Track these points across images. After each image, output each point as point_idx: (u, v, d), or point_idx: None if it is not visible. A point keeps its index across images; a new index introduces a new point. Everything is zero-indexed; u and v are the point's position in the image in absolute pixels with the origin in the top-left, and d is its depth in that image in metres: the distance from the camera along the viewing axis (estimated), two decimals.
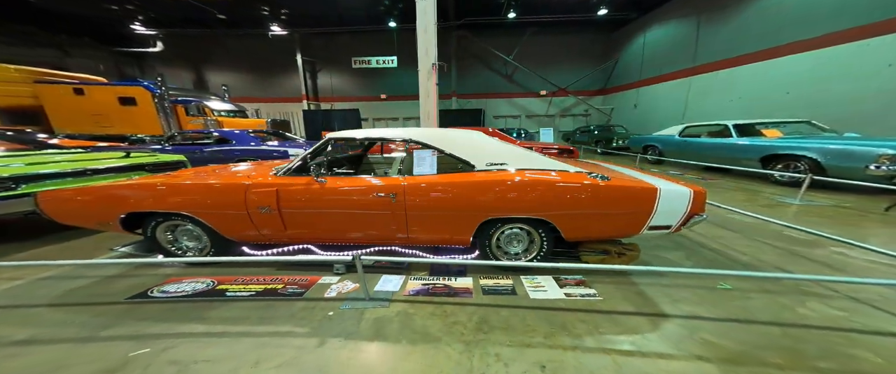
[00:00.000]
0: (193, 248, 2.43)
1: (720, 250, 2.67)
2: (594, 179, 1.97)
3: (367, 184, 2.13)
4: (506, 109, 18.21)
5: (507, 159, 2.13)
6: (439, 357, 1.41)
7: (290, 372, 1.28)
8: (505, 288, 2.03)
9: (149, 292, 1.95)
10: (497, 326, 1.64)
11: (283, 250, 2.48)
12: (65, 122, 10.24)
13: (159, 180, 2.30)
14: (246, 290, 1.99)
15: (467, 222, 2.10)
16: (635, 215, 1.99)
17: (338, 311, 1.75)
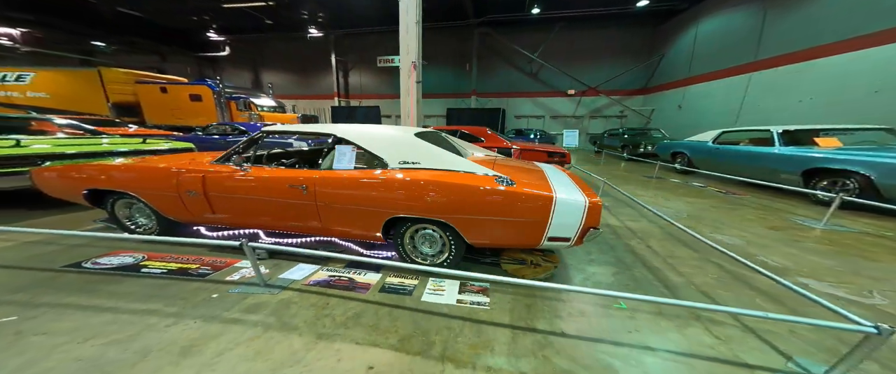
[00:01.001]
0: (145, 225, 2.71)
1: (659, 268, 2.42)
2: (496, 183, 1.91)
3: (283, 175, 2.23)
4: (529, 108, 17.69)
5: (420, 159, 2.12)
6: (279, 346, 1.43)
7: (113, 350, 1.36)
8: (405, 288, 2.00)
9: (83, 263, 2.20)
10: (365, 323, 1.63)
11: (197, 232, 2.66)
12: (154, 115, 12.84)
13: (117, 163, 2.60)
14: (163, 267, 2.17)
15: (373, 218, 2.12)
16: (532, 224, 1.89)
17: (224, 294, 1.85)
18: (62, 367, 1.25)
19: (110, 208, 2.69)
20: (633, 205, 4.29)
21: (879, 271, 2.38)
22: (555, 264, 2.31)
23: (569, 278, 2.24)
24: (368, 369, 1.34)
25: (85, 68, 13.63)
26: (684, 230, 2.41)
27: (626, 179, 6.63)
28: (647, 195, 4.99)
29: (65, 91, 13.16)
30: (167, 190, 2.39)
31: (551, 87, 17.06)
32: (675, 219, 2.82)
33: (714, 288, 2.12)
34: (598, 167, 8.73)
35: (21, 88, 13.40)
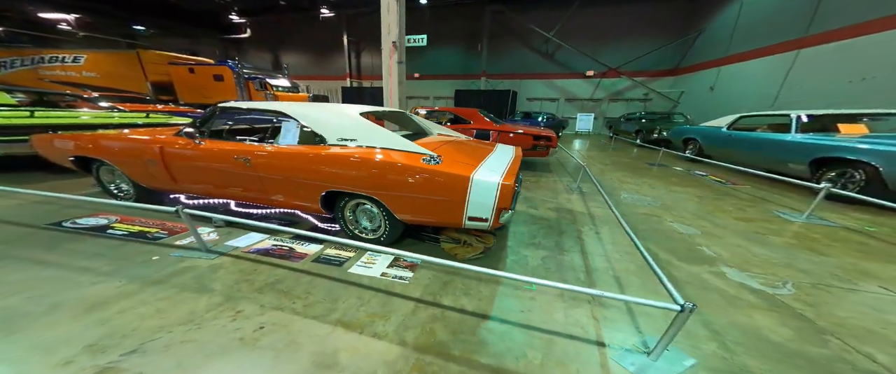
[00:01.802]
0: (127, 191, 2.84)
1: (593, 254, 2.29)
2: (423, 162, 1.84)
3: (230, 147, 2.23)
4: (542, 90, 16.60)
5: (358, 136, 2.06)
6: (182, 306, 1.46)
7: (32, 303, 1.43)
8: (338, 259, 1.99)
9: (63, 222, 2.35)
10: (280, 289, 1.64)
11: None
12: (185, 94, 13.41)
13: (99, 133, 2.71)
14: (127, 230, 2.28)
15: (309, 191, 2.11)
16: (451, 203, 1.82)
17: (164, 257, 1.91)
18: None
19: (96, 174, 2.85)
20: (612, 192, 4.03)
21: (814, 265, 2.18)
22: (486, 245, 2.24)
23: (501, 259, 2.15)
24: (259, 328, 1.34)
25: (126, 51, 14.32)
26: (619, 220, 2.19)
27: (628, 166, 6.20)
28: (634, 183, 4.63)
29: (111, 71, 13.99)
30: (133, 159, 2.48)
31: (568, 68, 15.81)
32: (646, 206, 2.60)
33: (629, 275, 1.99)
34: (601, 153, 8.21)
35: (77, 68, 14.39)
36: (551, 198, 3.68)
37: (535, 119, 12.20)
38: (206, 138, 2.36)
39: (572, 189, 4.13)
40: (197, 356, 1.17)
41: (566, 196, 3.80)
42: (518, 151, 2.66)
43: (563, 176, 4.99)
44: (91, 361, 1.11)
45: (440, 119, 5.73)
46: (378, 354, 1.25)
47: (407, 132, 3.01)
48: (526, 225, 2.76)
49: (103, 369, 1.09)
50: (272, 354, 1.21)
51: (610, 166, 6.02)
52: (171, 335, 1.27)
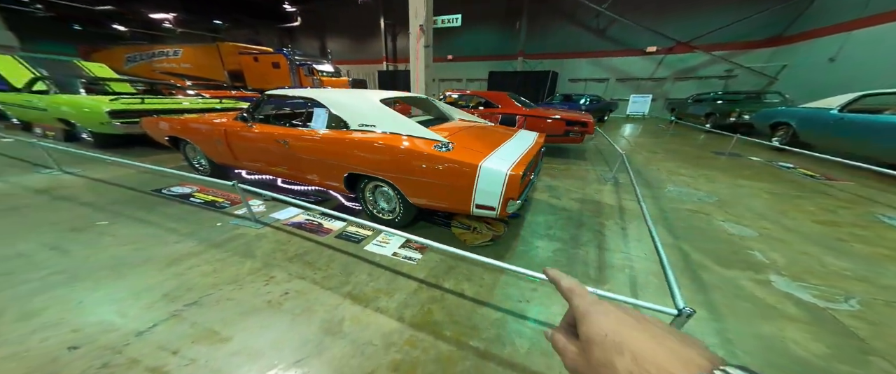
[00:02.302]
0: (205, 166, 3.37)
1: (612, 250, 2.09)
2: (434, 149, 1.86)
3: (273, 131, 2.46)
4: (588, 70, 14.79)
5: (376, 122, 2.13)
6: (231, 268, 1.73)
7: (132, 254, 1.83)
8: (357, 236, 2.14)
9: (162, 190, 2.91)
10: (306, 260, 1.85)
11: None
12: (252, 80, 14.86)
13: (185, 117, 3.19)
14: (202, 198, 2.73)
15: (335, 172, 2.26)
16: (459, 189, 1.81)
17: (225, 224, 2.25)
18: (100, 259, 1.76)
19: (183, 151, 3.42)
20: (657, 184, 3.54)
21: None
22: (496, 233, 2.19)
23: (510, 247, 2.10)
24: (284, 294, 1.55)
25: (209, 44, 16.24)
26: (642, 210, 1.94)
27: (687, 155, 5.36)
28: (689, 175, 4.00)
29: (200, 62, 16.09)
30: (207, 139, 2.91)
31: (622, 44, 13.72)
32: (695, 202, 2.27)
33: (649, 276, 1.80)
34: (654, 139, 7.15)
35: (177, 60, 16.87)
36: (578, 188, 3.41)
37: (575, 102, 10.95)
38: (257, 122, 2.63)
39: (605, 179, 3.75)
40: (235, 312, 1.41)
41: (596, 187, 3.48)
42: (540, 138, 2.51)
43: (599, 165, 4.54)
44: (165, 307, 1.41)
45: (469, 103, 5.51)
46: (377, 326, 1.36)
47: (428, 117, 2.98)
48: (544, 215, 2.62)
49: (172, 314, 1.37)
50: (290, 317, 1.40)
51: (661, 155, 5.28)
52: (220, 292, 1.53)
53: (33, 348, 1.16)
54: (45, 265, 1.66)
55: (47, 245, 1.85)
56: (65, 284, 1.52)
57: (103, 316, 1.33)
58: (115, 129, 4.06)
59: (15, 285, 1.49)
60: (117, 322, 1.30)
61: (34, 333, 1.22)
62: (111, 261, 1.73)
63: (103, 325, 1.28)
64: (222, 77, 15.27)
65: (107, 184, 3.02)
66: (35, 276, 1.57)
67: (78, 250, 1.83)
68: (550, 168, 4.21)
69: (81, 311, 1.35)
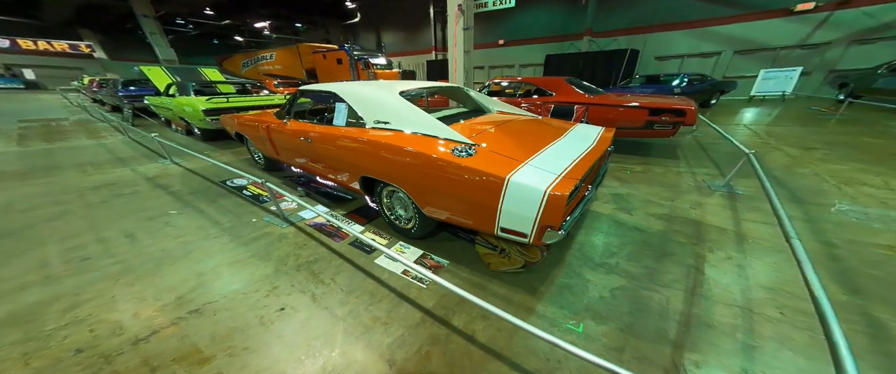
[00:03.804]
0: (260, 160, 3.59)
1: (717, 299, 1.32)
2: (453, 153, 1.42)
3: (300, 128, 2.34)
4: (686, 44, 11.34)
5: (391, 119, 1.78)
6: (248, 270, 1.68)
7: (179, 247, 1.91)
8: (369, 245, 1.87)
9: (226, 181, 3.18)
10: (313, 270, 1.69)
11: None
12: (323, 77, 15.82)
13: (243, 114, 3.40)
14: (252, 191, 2.86)
15: (351, 173, 2.04)
16: (480, 207, 1.35)
17: (259, 221, 2.26)
18: (152, 251, 1.88)
19: (246, 145, 3.70)
20: (814, 196, 2.37)
21: None
22: (529, 259, 1.63)
23: (546, 277, 1.56)
24: (280, 310, 1.38)
25: (292, 46, 18.00)
26: (788, 239, 1.11)
27: (874, 151, 3.46)
28: (878, 184, 2.56)
29: (286, 63, 18.12)
30: (256, 135, 3.03)
31: (748, 6, 9.93)
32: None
33: (781, 345, 1.09)
34: (809, 129, 4.84)
35: (271, 63, 19.37)
36: (663, 199, 2.46)
37: (665, 84, 8.56)
38: (292, 118, 2.56)
39: (712, 189, 2.63)
40: (227, 326, 1.30)
41: (694, 198, 2.46)
42: (606, 134, 1.84)
43: (701, 165, 3.28)
44: (173, 312, 1.39)
45: (516, 92, 4.64)
46: (360, 367, 1.07)
47: (461, 110, 2.48)
48: (604, 235, 1.94)
49: (173, 322, 1.32)
50: (276, 339, 1.22)
51: (822, 153, 3.52)
52: (224, 300, 1.45)
53: (52, 346, 1.21)
54: (114, 253, 1.85)
55: (124, 233, 2.09)
56: (114, 276, 1.64)
57: (121, 316, 1.35)
58: (209, 124, 4.66)
59: (83, 272, 1.67)
60: (127, 325, 1.30)
61: (63, 328, 1.30)
62: (159, 254, 1.84)
63: (115, 327, 1.30)
64: (302, 75, 16.98)
65: (193, 174, 3.45)
66: (103, 263, 1.75)
67: (143, 239, 2.02)
68: (620, 168, 3.21)
69: (109, 308, 1.41)
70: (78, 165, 3.81)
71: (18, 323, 1.32)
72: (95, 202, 2.63)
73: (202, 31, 22.37)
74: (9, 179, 3.28)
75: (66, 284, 1.57)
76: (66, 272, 1.66)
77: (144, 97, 6.91)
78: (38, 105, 11.08)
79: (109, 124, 6.84)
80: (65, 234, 2.08)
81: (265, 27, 21.67)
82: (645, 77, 9.22)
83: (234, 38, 23.76)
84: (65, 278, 1.62)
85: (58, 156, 4.30)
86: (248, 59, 20.68)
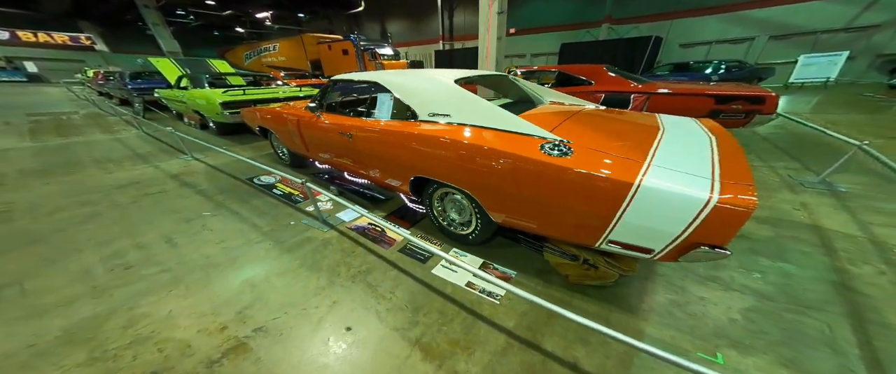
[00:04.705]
0: (285, 154, 3.41)
1: (878, 323, 1.10)
2: (543, 152, 1.19)
3: (338, 122, 2.16)
4: (715, 30, 10.70)
5: (451, 111, 1.57)
6: (301, 283, 1.54)
7: (222, 254, 1.78)
8: (423, 253, 1.75)
9: (253, 179, 3.02)
10: (370, 281, 1.55)
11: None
12: (328, 69, 15.17)
13: (267, 107, 3.17)
14: (282, 190, 2.71)
15: (399, 172, 1.86)
16: (585, 216, 1.14)
17: (297, 223, 2.12)
18: (195, 259, 1.75)
19: (270, 140, 3.51)
20: None
21: None
22: (623, 271, 1.44)
23: (647, 291, 1.39)
24: (346, 329, 1.26)
25: (295, 36, 17.29)
26: None
27: None
28: None
29: (290, 54, 17.46)
30: (284, 130, 2.83)
31: None
32: None
33: None
34: (872, 116, 4.51)
35: (275, 54, 18.72)
36: (759, 198, 2.23)
37: (697, 72, 7.93)
38: (325, 112, 2.37)
39: (806, 185, 2.38)
40: (298, 345, 1.17)
41: (791, 197, 2.21)
42: (712, 126, 1.57)
43: (775, 159, 3.01)
44: (237, 329, 1.27)
45: (540, 82, 4.36)
46: None
47: (507, 101, 2.28)
48: None
49: (241, 341, 1.20)
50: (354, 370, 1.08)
51: None
52: (286, 316, 1.33)
53: (124, 369, 1.09)
54: (157, 261, 1.72)
55: (164, 237, 1.96)
56: (165, 286, 1.52)
57: (185, 334, 1.24)
58: (227, 118, 4.44)
59: (131, 282, 1.54)
60: (195, 345, 1.19)
61: (128, 348, 1.18)
62: (203, 261, 1.71)
63: (183, 347, 1.18)
64: (306, 66, 16.42)
65: (217, 171, 3.29)
66: (148, 272, 1.62)
67: (183, 243, 1.89)
68: None
69: (170, 324, 1.29)
70: (97, 162, 3.65)
71: (78, 342, 1.20)
72: (125, 203, 2.49)
73: (203, 23, 21.61)
74: (29, 178, 3.13)
75: (116, 296, 1.45)
76: (113, 283, 1.54)
77: (155, 90, 6.65)
78: (44, 99, 10.80)
79: (121, 118, 6.63)
80: (100, 239, 1.95)
81: (267, 17, 20.91)
82: (672, 65, 8.68)
83: (235, 29, 22.95)
84: (113, 289, 1.50)
85: (74, 152, 4.13)
86: (250, 50, 20.01)
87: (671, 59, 10.84)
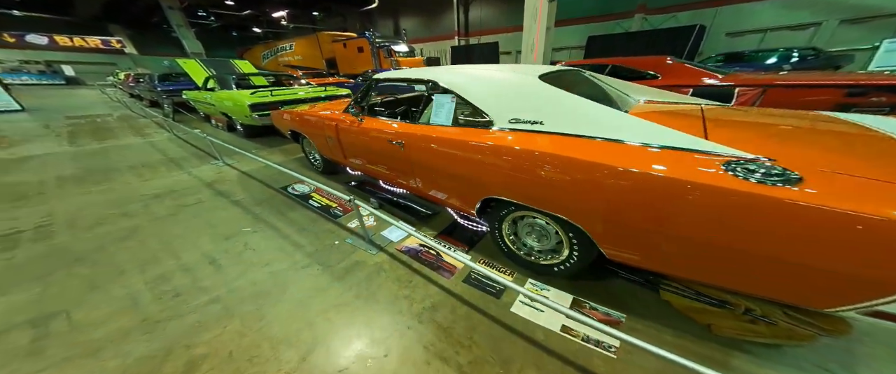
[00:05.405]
0: (318, 161, 3.24)
1: None
2: (734, 175, 0.83)
3: (386, 128, 1.92)
4: (769, 15, 9.45)
5: (545, 117, 1.25)
6: (361, 318, 1.35)
7: (270, 280, 1.61)
8: (494, 286, 1.52)
9: (287, 187, 2.87)
10: (439, 321, 1.33)
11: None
12: (343, 66, 15.20)
13: (300, 110, 2.97)
14: (318, 201, 2.54)
15: (468, 192, 1.59)
16: (833, 275, 0.77)
17: (342, 243, 1.94)
18: (243, 286, 1.59)
19: (302, 144, 3.35)
20: None
21: None
22: (826, 331, 1.06)
23: (839, 354, 1.08)
24: None
25: (311, 35, 17.01)
26: None
27: None
28: None
29: (305, 53, 17.36)
30: (319, 134, 2.62)
31: None
32: None
33: None
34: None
35: (291, 54, 18.70)
36: None
37: (757, 61, 7.00)
38: (367, 115, 2.15)
39: None
40: None
41: None
42: None
43: None
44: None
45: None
46: None
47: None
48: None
49: None
50: None
51: None
52: (355, 366, 1.14)
53: None
54: (204, 287, 1.58)
55: (205, 257, 1.83)
56: (219, 320, 1.37)
57: None
58: (256, 121, 4.27)
59: (182, 314, 1.40)
60: None
61: None
62: (252, 288, 1.55)
63: None
64: (322, 65, 16.23)
65: (250, 178, 3.16)
66: (198, 301, 1.48)
67: (227, 265, 1.75)
68: None
69: (234, 370, 1.11)
70: (132, 168, 3.61)
71: None
72: (163, 215, 2.38)
73: (223, 24, 21.92)
74: (68, 185, 3.11)
75: (169, 330, 1.31)
76: (163, 313, 1.40)
77: (182, 92, 6.67)
78: (81, 101, 11.20)
79: (151, 120, 6.72)
80: (142, 258, 1.83)
81: (283, 17, 20.97)
82: (722, 56, 7.69)
83: (252, 29, 23.18)
84: (164, 321, 1.36)
85: (111, 157, 4.14)
86: (267, 50, 20.16)
87: (717, 49, 9.68)
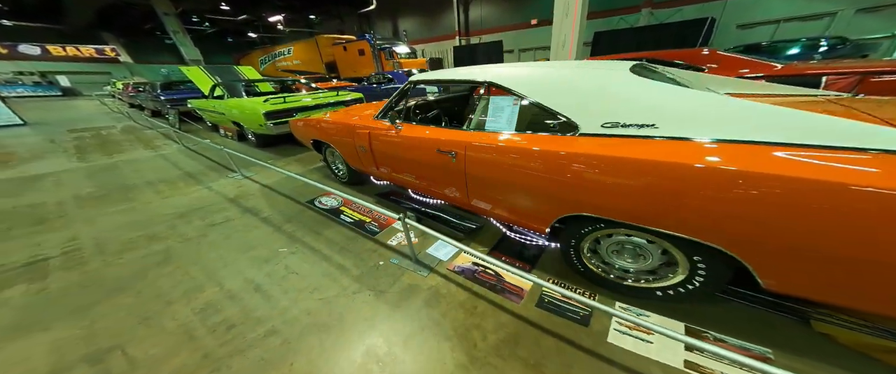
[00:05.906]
0: (342, 171, 3.11)
1: None
2: None
3: (432, 136, 1.76)
4: (781, 6, 9.21)
5: (656, 118, 1.06)
6: (433, 357, 1.24)
7: (323, 310, 1.51)
8: (576, 311, 1.39)
9: (314, 201, 2.75)
10: (523, 357, 1.22)
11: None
12: (344, 69, 15.04)
13: (323, 117, 2.84)
14: (350, 216, 2.43)
15: (542, 209, 1.40)
16: None
17: (387, 263, 1.83)
18: (298, 316, 1.49)
19: (324, 154, 3.21)
20: None
21: None
22: None
23: None
24: None
25: (309, 39, 16.43)
26: None
27: None
28: None
29: (304, 57, 17.02)
30: (348, 143, 2.47)
31: None
32: None
33: None
34: None
35: (289, 58, 18.34)
36: None
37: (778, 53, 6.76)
38: (405, 122, 2.00)
39: None
40: None
41: None
42: None
43: None
44: None
45: None
46: None
47: None
48: None
49: None
50: None
51: None
52: None
53: None
54: (256, 317, 1.48)
55: (251, 284, 1.72)
56: (283, 357, 1.26)
57: None
58: (271, 130, 4.09)
59: (242, 350, 1.30)
60: None
61: None
62: (307, 319, 1.45)
63: None
64: (322, 69, 15.95)
65: (273, 191, 3.04)
66: (255, 334, 1.38)
67: (275, 293, 1.64)
68: None
69: None
70: (149, 184, 3.49)
71: None
72: (193, 236, 2.27)
73: (218, 29, 21.53)
74: (87, 206, 2.98)
75: (235, 368, 1.21)
76: (223, 349, 1.30)
77: (187, 101, 6.50)
78: (81, 113, 10.97)
79: (158, 131, 6.56)
80: (185, 286, 1.72)
81: (279, 21, 20.62)
82: (741, 48, 7.31)
83: (247, 34, 22.78)
84: (226, 358, 1.26)
85: (124, 172, 4.00)
86: (265, 55, 19.84)
87: (728, 42, 9.52)
